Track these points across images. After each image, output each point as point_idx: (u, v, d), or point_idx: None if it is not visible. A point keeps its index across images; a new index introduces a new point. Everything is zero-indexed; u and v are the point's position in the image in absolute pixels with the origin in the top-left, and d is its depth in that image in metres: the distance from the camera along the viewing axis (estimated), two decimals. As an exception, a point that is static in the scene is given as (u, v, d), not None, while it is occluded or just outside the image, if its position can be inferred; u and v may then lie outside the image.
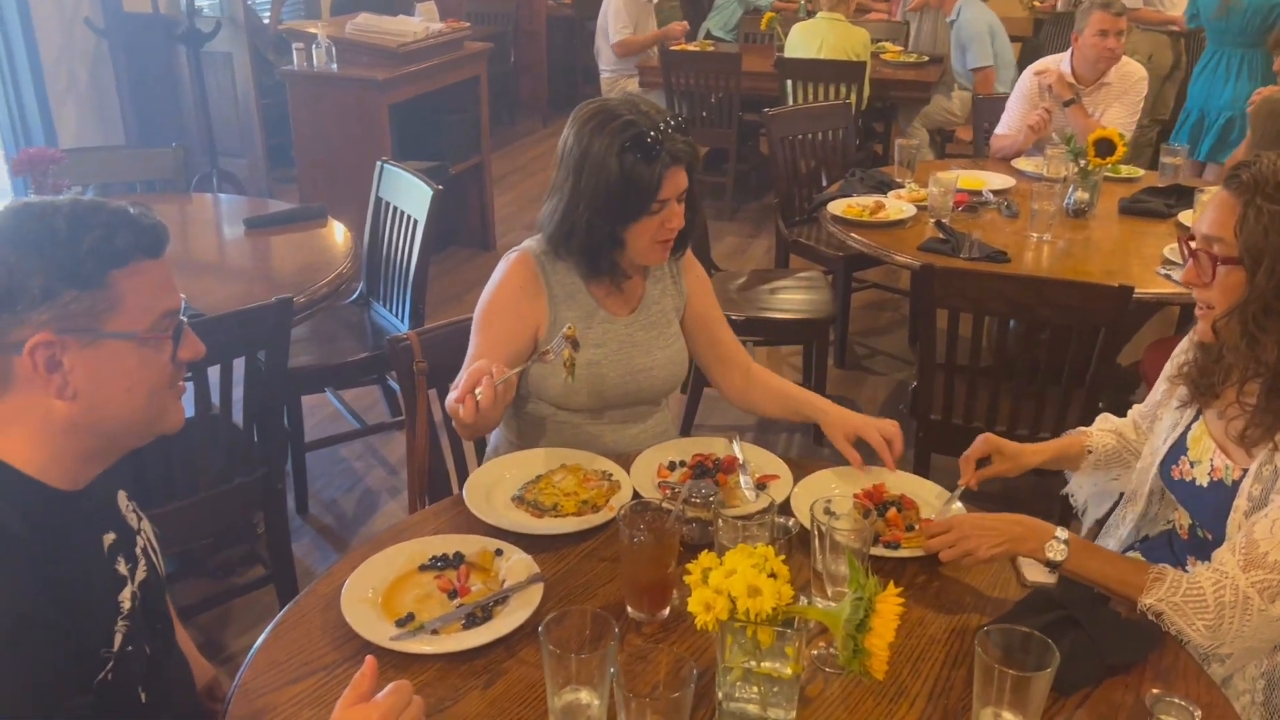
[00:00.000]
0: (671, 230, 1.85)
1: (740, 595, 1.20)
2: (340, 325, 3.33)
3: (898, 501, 1.72)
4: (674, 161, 1.79)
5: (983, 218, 3.37)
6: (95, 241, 1.09)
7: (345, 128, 4.43)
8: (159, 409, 1.20)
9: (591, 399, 1.92)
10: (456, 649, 1.38)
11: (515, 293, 1.89)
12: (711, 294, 2.09)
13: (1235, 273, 1.46)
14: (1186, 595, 1.42)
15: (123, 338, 1.12)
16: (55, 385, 1.09)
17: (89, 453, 1.16)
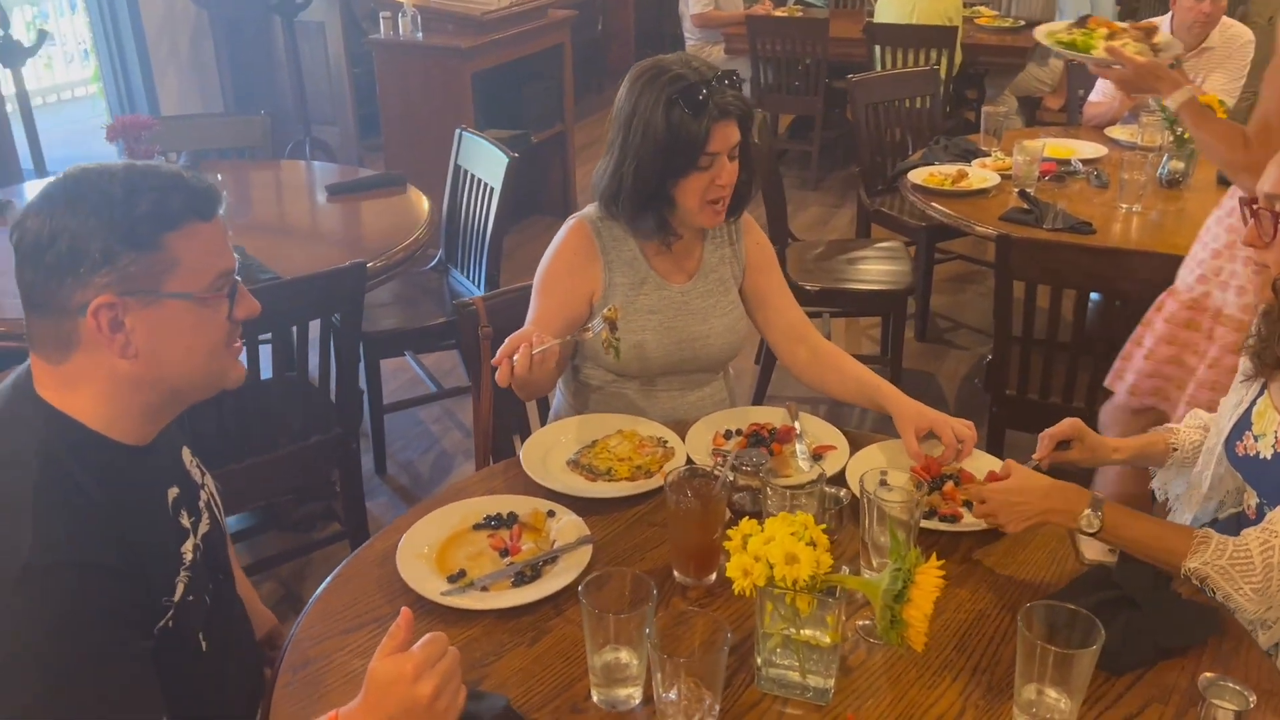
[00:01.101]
0: (722, 188, 1.81)
1: (778, 562, 1.20)
2: (419, 290, 3.40)
3: (955, 475, 1.69)
4: (722, 115, 1.76)
5: (1070, 188, 3.27)
6: (150, 205, 1.12)
7: (429, 96, 4.49)
8: (219, 365, 1.24)
9: (645, 366, 1.93)
10: (504, 606, 1.41)
11: (570, 259, 1.91)
12: (774, 263, 2.05)
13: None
14: (1233, 558, 1.37)
15: (181, 298, 1.15)
16: (119, 345, 1.13)
17: (153, 408, 1.20)
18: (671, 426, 1.85)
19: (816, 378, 1.99)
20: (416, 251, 2.80)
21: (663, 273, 1.94)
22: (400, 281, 3.44)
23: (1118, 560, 1.49)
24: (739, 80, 1.82)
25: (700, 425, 1.85)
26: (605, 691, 1.27)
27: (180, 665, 1.19)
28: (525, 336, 1.58)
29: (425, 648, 1.08)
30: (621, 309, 1.89)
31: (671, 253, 1.94)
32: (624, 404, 1.97)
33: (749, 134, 1.85)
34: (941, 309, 4.44)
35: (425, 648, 1.08)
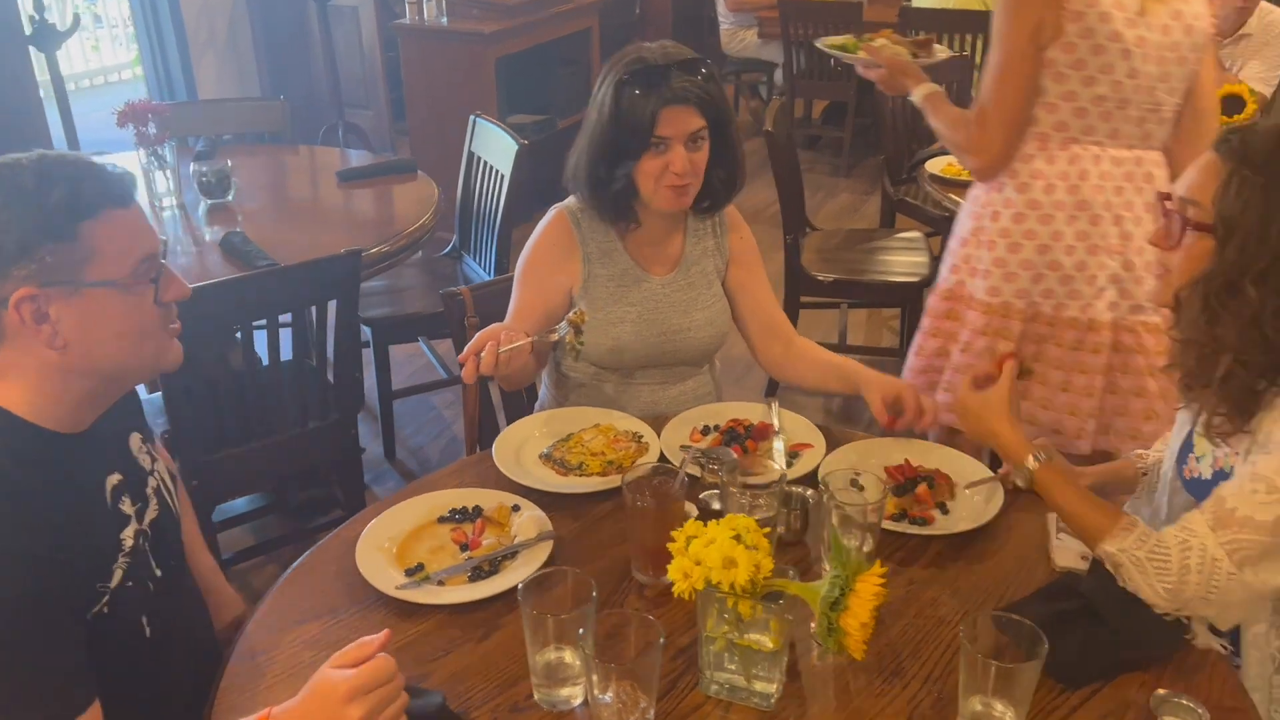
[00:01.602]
0: (678, 176, 1.78)
1: (715, 566, 1.18)
2: (432, 277, 3.41)
3: (930, 477, 1.66)
4: (676, 100, 1.73)
5: (1092, 179, 3.18)
6: (63, 195, 1.12)
7: (453, 81, 4.50)
8: (153, 350, 1.24)
9: (624, 359, 1.92)
10: (456, 601, 1.41)
11: (548, 251, 1.89)
12: (757, 259, 2.03)
13: (1203, 241, 1.34)
14: (1152, 553, 1.32)
15: (104, 286, 1.15)
16: (45, 336, 1.14)
17: (87, 395, 1.21)
18: (652, 421, 1.84)
19: (791, 371, 1.99)
20: (421, 238, 2.80)
21: (643, 264, 1.92)
22: (413, 267, 3.46)
23: (1089, 568, 1.45)
24: (711, 69, 1.80)
25: (677, 420, 1.84)
26: (546, 691, 1.26)
27: (120, 651, 1.20)
28: (493, 334, 1.57)
29: (368, 672, 1.08)
30: (601, 300, 1.89)
31: (652, 244, 1.92)
32: (605, 398, 1.96)
33: (726, 126, 1.82)
34: (966, 300, 4.36)
35: (368, 672, 1.08)
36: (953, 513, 1.61)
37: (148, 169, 2.81)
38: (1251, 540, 1.27)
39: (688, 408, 1.90)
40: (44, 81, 4.94)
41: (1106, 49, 1.99)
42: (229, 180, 2.86)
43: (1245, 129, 1.33)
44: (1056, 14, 1.97)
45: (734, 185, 1.92)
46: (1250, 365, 1.31)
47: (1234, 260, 1.30)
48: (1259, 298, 1.29)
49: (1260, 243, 1.29)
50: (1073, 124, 2.07)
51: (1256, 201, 1.28)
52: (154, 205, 2.85)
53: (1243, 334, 1.31)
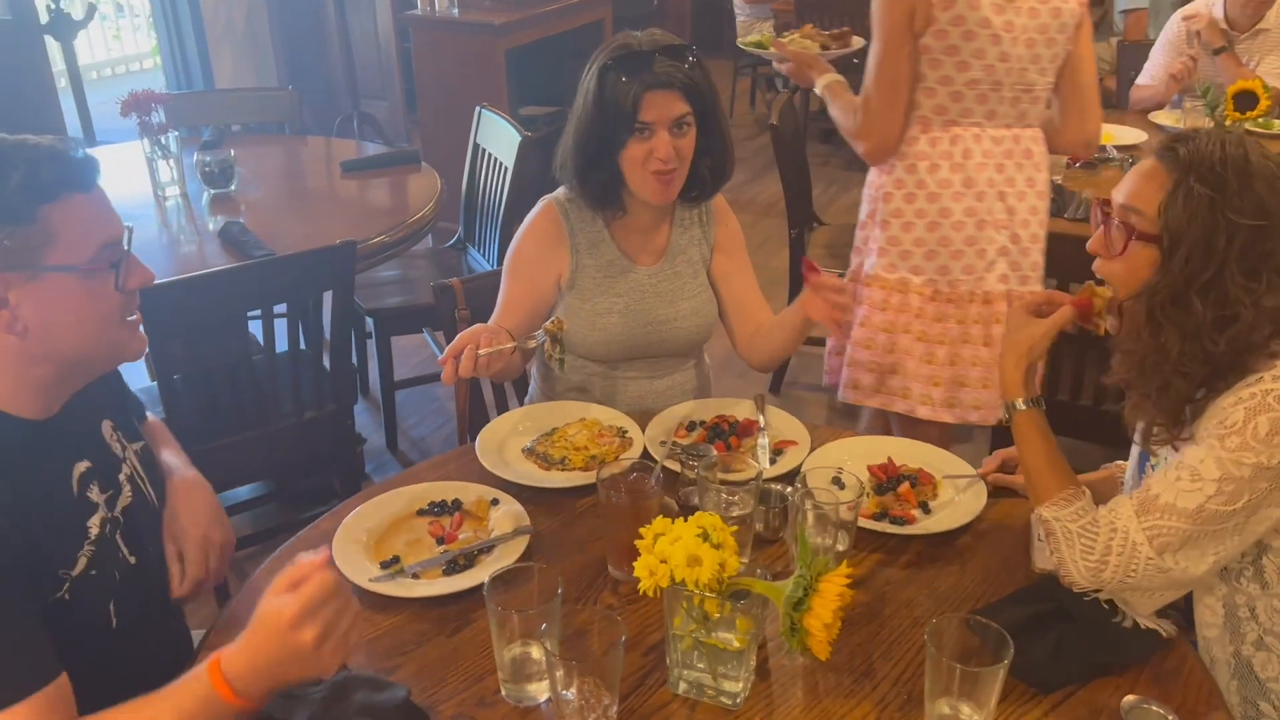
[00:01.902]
0: (662, 161, 1.76)
1: (679, 564, 1.17)
2: (436, 268, 3.42)
3: (913, 476, 1.64)
4: (659, 85, 1.72)
5: (1101, 175, 3.15)
6: (21, 178, 1.11)
7: (463, 72, 4.50)
8: (114, 337, 1.24)
9: (613, 349, 1.91)
10: (428, 594, 1.41)
11: (537, 241, 1.89)
12: (740, 245, 2.01)
13: (1148, 251, 1.32)
14: (1084, 529, 1.32)
15: (64, 270, 1.15)
16: (4, 321, 1.14)
17: (49, 381, 1.20)
18: (638, 416, 1.83)
19: (756, 349, 1.97)
20: (422, 230, 2.80)
21: (630, 254, 1.91)
22: (417, 258, 3.47)
23: (1068, 571, 1.44)
24: (698, 56, 1.78)
25: (663, 416, 1.83)
26: (513, 687, 1.26)
27: (84, 638, 1.20)
28: (474, 336, 1.58)
29: (312, 590, 1.05)
30: (589, 292, 1.88)
31: (639, 233, 1.91)
32: (592, 391, 1.95)
33: (712, 113, 1.81)
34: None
35: (312, 590, 1.05)
36: (935, 513, 1.59)
37: (151, 159, 2.83)
38: (1172, 527, 1.27)
39: (675, 402, 1.89)
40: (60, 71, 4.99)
41: (977, 35, 2.09)
42: (232, 170, 2.87)
43: (1190, 138, 1.31)
44: (927, 2, 2.07)
45: (722, 174, 1.90)
46: (1190, 376, 1.31)
47: (1179, 272, 1.28)
48: (1203, 309, 1.28)
49: (1206, 255, 1.27)
50: (951, 107, 2.18)
51: (1203, 213, 1.26)
52: (157, 195, 2.86)
53: (1185, 346, 1.29)
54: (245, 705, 1.08)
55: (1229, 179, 1.26)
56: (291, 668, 1.08)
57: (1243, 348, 1.27)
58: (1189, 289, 1.28)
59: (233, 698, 1.07)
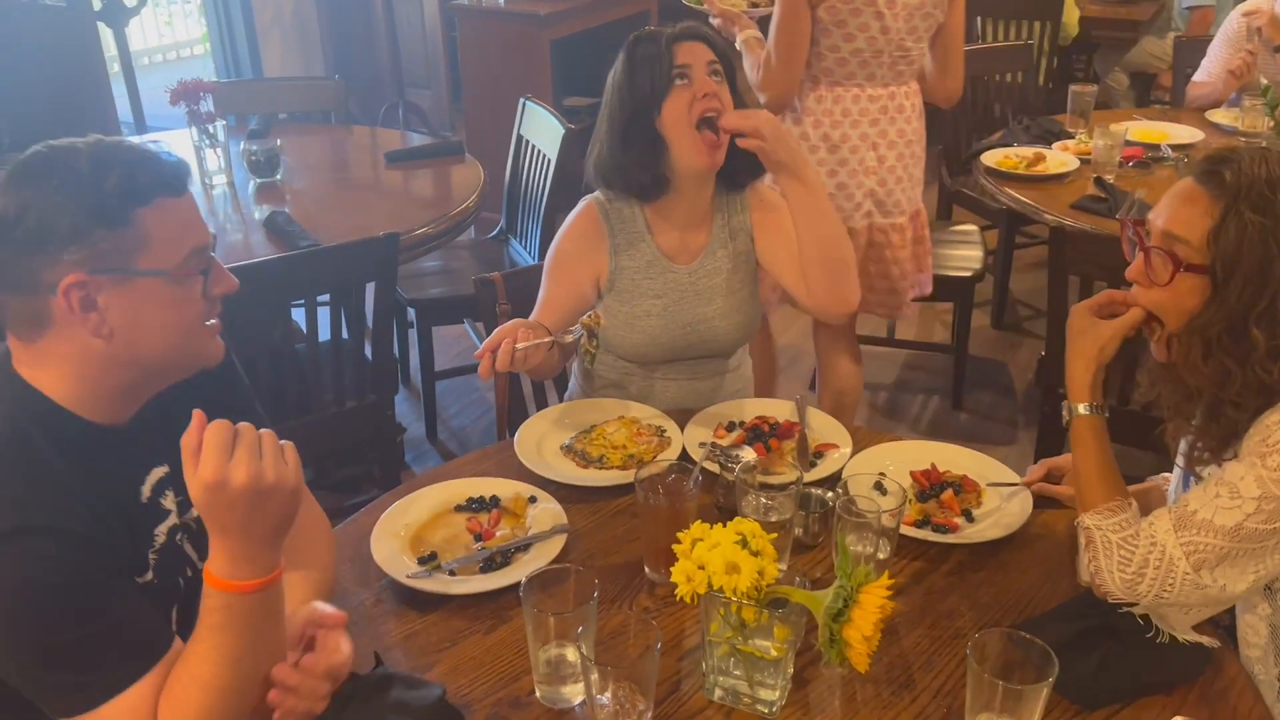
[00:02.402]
0: (709, 98, 1.72)
1: (717, 571, 1.16)
2: (478, 259, 3.42)
3: (956, 483, 1.62)
4: (683, 37, 1.76)
5: (1155, 175, 3.09)
6: (118, 180, 1.10)
7: (508, 62, 4.49)
8: (196, 343, 1.23)
9: (653, 350, 1.89)
10: (466, 591, 1.41)
11: (576, 242, 1.88)
12: (783, 210, 1.89)
13: (1198, 282, 1.27)
14: (1124, 541, 1.29)
15: (154, 275, 1.14)
16: (92, 324, 1.12)
17: (126, 387, 1.19)
18: (677, 415, 1.82)
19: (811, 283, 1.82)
20: (464, 222, 2.80)
21: (669, 253, 1.89)
22: (460, 249, 3.48)
23: (1116, 585, 1.41)
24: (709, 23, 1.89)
25: (703, 415, 1.81)
26: (548, 689, 1.25)
27: None
28: (510, 332, 1.57)
29: (206, 447, 1.04)
30: (628, 294, 1.87)
31: (678, 231, 1.89)
32: (632, 393, 1.94)
33: (733, 80, 1.81)
34: (1023, 295, 4.26)
35: (206, 447, 1.04)
36: (978, 521, 1.56)
37: (199, 147, 2.85)
38: (1209, 544, 1.24)
39: (718, 403, 1.87)
40: (113, 57, 5.05)
41: (862, 11, 2.44)
42: (278, 159, 2.89)
43: (1232, 159, 1.25)
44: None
45: None
46: (1243, 406, 1.26)
47: (1235, 303, 1.24)
48: (1263, 339, 1.23)
49: (1261, 283, 1.22)
50: (836, 71, 2.54)
51: (1256, 241, 1.21)
52: (204, 183, 2.89)
53: (1241, 375, 1.25)
54: (260, 581, 1.08)
55: (1278, 202, 1.22)
56: (258, 518, 1.06)
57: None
58: (1246, 320, 1.24)
59: (242, 585, 1.07)
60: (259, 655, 1.11)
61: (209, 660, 1.08)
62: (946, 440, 3.22)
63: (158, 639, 1.13)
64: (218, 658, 1.08)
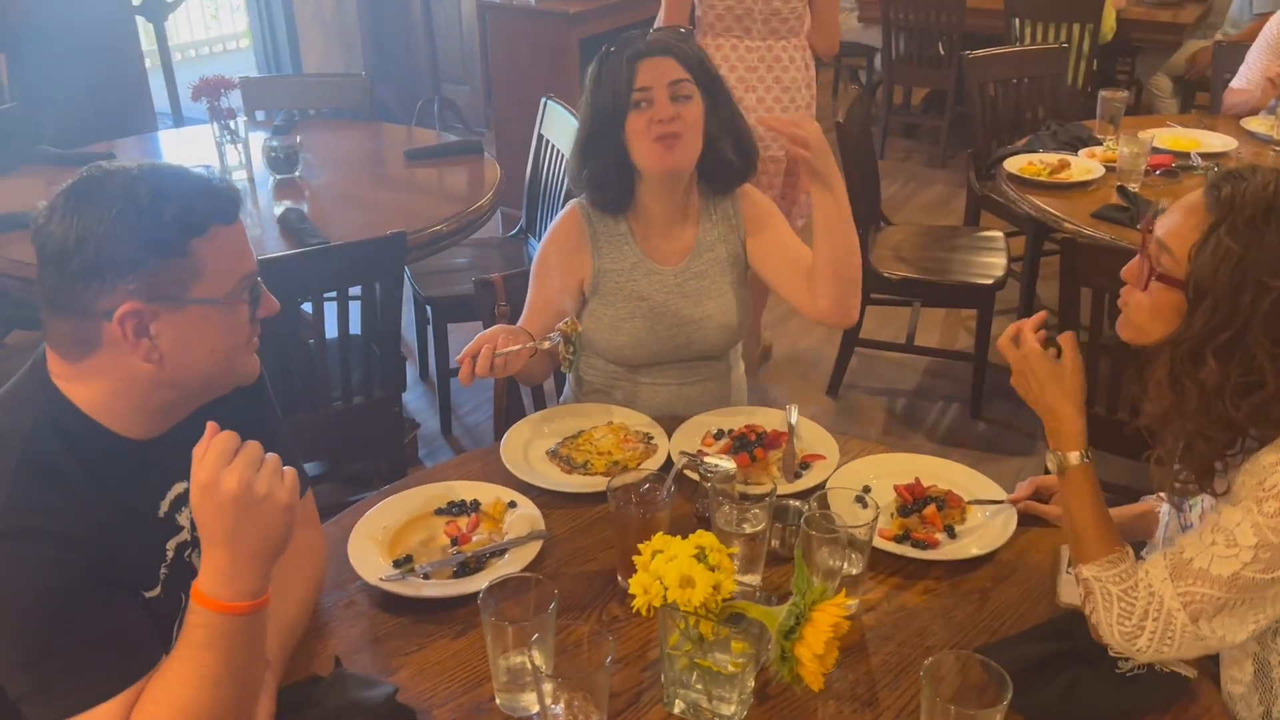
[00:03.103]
0: (663, 123, 1.72)
1: (672, 584, 1.16)
2: (498, 257, 3.44)
3: (940, 499, 1.59)
4: (651, 51, 1.73)
5: (1182, 184, 3.01)
6: (177, 211, 1.11)
7: (538, 60, 4.50)
8: (238, 364, 1.24)
9: (639, 353, 1.89)
10: (436, 595, 1.42)
11: (560, 247, 1.88)
12: (774, 216, 1.92)
13: (1172, 295, 1.22)
14: (1125, 593, 1.23)
15: (206, 303, 1.15)
16: (143, 350, 1.13)
17: (165, 406, 1.20)
18: (667, 422, 1.81)
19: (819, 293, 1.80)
20: (477, 221, 2.82)
21: (654, 256, 1.89)
22: (480, 247, 3.49)
23: (1094, 608, 1.38)
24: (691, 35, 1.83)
25: (693, 423, 1.80)
26: (508, 696, 1.26)
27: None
28: (491, 338, 1.59)
29: (207, 454, 1.07)
30: (611, 296, 1.87)
31: (662, 234, 1.88)
32: (617, 397, 1.94)
33: (716, 86, 1.80)
34: (1051, 303, 4.18)
35: (207, 454, 1.07)
36: (961, 538, 1.54)
37: (220, 142, 2.89)
38: (1206, 594, 1.19)
39: (707, 409, 1.86)
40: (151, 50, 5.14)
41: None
42: (297, 156, 2.92)
43: (1239, 177, 1.20)
44: None
45: (750, 154, 1.86)
46: (1212, 440, 1.21)
47: (1201, 326, 1.18)
48: (1220, 371, 1.18)
49: (1230, 313, 1.17)
50: (716, 25, 3.12)
51: (1230, 267, 1.15)
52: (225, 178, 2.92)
53: (1204, 406, 1.19)
54: (246, 605, 1.09)
55: (1268, 232, 1.15)
56: (245, 530, 1.07)
57: (1264, 418, 1.17)
58: (1206, 346, 1.18)
59: (227, 605, 1.07)
60: (238, 680, 1.11)
61: (187, 682, 1.08)
62: (964, 449, 3.25)
63: (141, 659, 1.12)
64: (197, 679, 1.08)
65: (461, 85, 6.46)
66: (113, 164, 1.15)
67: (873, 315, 3.72)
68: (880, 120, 6.09)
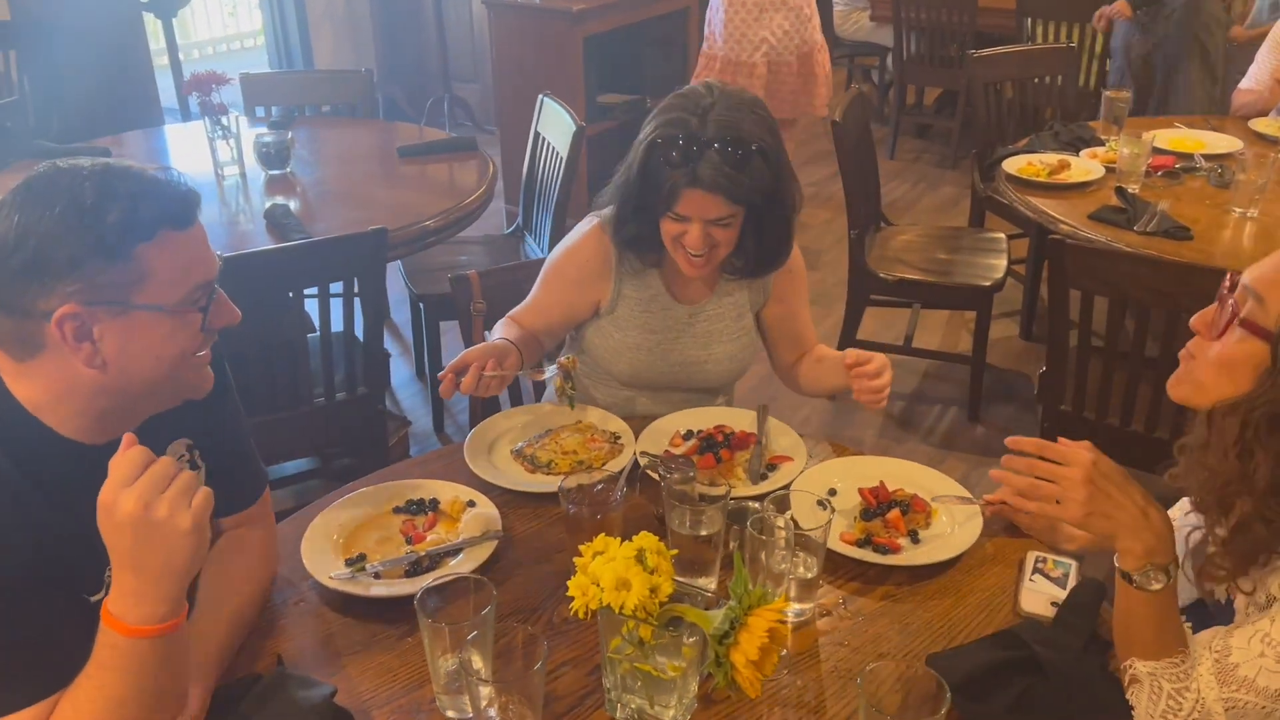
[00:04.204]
0: (692, 247, 1.69)
1: (608, 586, 1.13)
2: (492, 254, 3.42)
3: (905, 503, 1.56)
4: (698, 184, 1.61)
5: (1184, 185, 2.97)
6: (121, 214, 1.07)
7: (542, 58, 4.49)
8: (186, 376, 1.20)
9: (638, 379, 1.90)
10: (383, 595, 1.40)
11: (582, 265, 1.85)
12: (802, 294, 1.94)
13: (1252, 347, 1.13)
14: (1174, 693, 1.16)
15: (152, 310, 1.12)
16: (84, 354, 1.10)
17: (109, 413, 1.17)
18: (637, 422, 1.79)
19: (794, 378, 1.98)
20: (467, 217, 2.80)
21: (674, 291, 1.87)
22: (476, 244, 3.48)
23: (1054, 618, 1.34)
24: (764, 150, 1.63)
25: (663, 423, 1.78)
26: (446, 699, 1.24)
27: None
28: (482, 356, 1.59)
29: (114, 469, 1.02)
30: (624, 320, 1.87)
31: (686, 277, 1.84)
32: (615, 404, 1.94)
33: (768, 208, 1.70)
34: (1057, 306, 4.13)
35: (114, 469, 1.02)
36: (924, 543, 1.51)
37: (212, 138, 2.89)
38: (1250, 701, 1.12)
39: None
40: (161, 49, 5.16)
41: None
42: (288, 152, 2.92)
43: None
44: None
45: (773, 259, 1.81)
46: (1274, 524, 1.12)
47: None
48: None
49: None
50: None
51: None
52: (217, 174, 2.93)
53: (1271, 478, 1.10)
54: (152, 629, 1.04)
55: None
56: (145, 553, 1.02)
57: None
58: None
59: (133, 629, 1.04)
60: (144, 704, 1.07)
61: (93, 700, 1.06)
62: (961, 453, 3.20)
63: (71, 666, 1.09)
64: (101, 698, 1.06)
65: (472, 83, 6.46)
66: (70, 161, 1.12)
67: (871, 317, 3.69)
68: (892, 120, 6.05)
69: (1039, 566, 1.44)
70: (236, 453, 1.42)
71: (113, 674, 1.05)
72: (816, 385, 1.94)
